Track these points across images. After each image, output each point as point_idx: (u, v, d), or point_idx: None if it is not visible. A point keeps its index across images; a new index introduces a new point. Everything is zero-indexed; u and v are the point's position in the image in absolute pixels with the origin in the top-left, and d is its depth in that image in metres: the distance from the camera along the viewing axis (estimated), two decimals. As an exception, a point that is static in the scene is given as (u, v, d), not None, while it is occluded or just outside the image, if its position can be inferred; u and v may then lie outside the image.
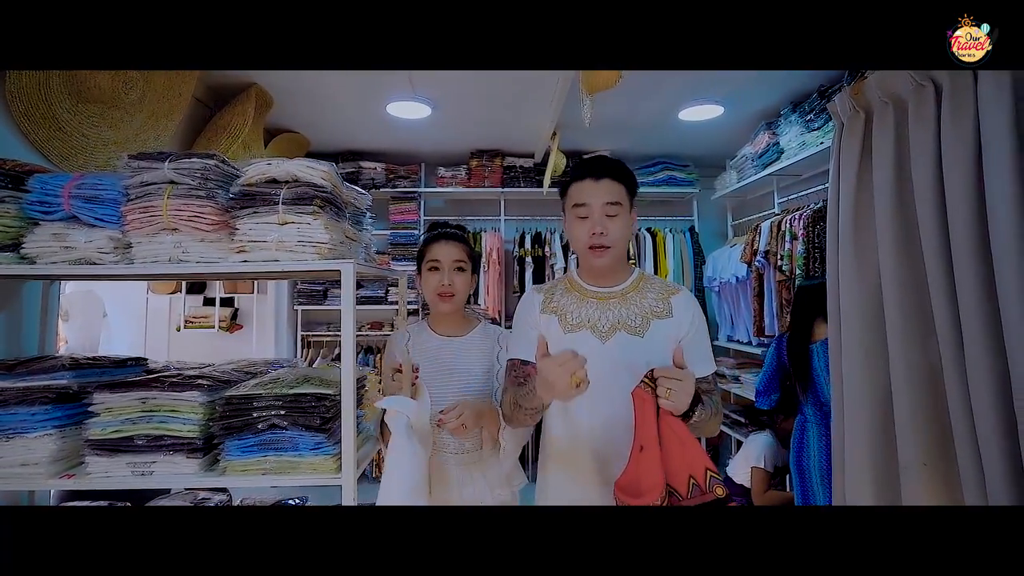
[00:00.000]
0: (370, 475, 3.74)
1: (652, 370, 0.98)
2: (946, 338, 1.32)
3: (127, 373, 1.31)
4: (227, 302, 4.15)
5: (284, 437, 1.09)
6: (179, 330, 4.06)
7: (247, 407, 1.10)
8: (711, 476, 0.93)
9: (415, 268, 1.47)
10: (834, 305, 1.67)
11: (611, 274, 1.20)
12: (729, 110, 3.00)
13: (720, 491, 0.94)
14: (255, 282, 3.99)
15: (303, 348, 3.95)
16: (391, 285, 3.88)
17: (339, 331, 1.11)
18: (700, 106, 2.94)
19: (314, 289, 3.87)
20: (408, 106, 2.92)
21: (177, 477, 1.09)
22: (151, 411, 1.10)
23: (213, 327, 4.04)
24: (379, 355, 3.83)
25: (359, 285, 3.87)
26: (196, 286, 4.11)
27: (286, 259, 1.13)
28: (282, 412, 1.09)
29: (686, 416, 0.99)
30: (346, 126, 3.34)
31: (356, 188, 1.40)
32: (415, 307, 3.84)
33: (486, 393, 1.39)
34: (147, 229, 1.13)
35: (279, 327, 3.87)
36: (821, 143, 2.61)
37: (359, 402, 1.43)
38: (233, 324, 4.18)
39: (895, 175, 1.49)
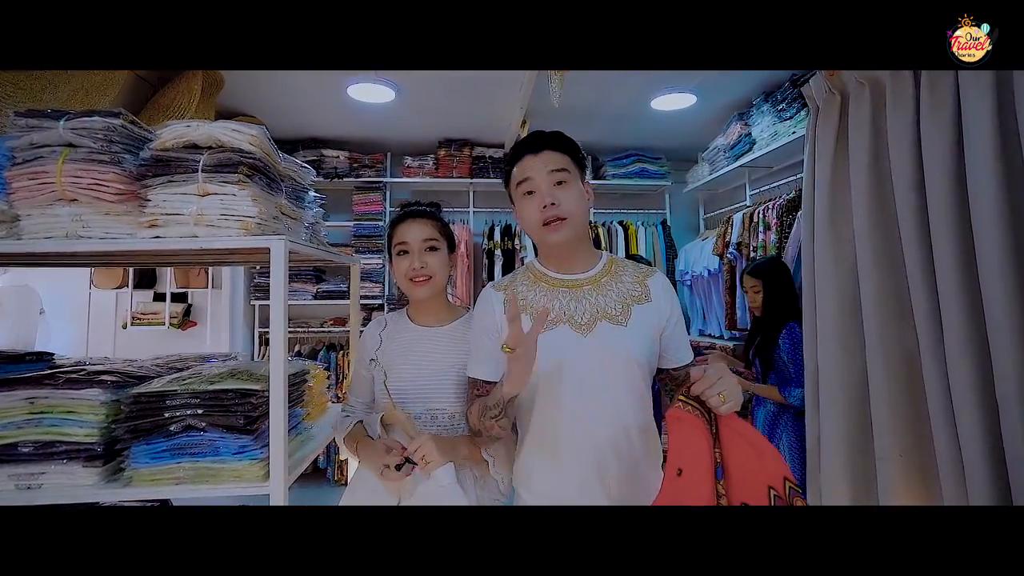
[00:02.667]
0: (332, 478, 3.57)
1: (687, 388, 0.87)
2: (924, 324, 1.26)
3: (23, 369, 1.14)
4: (179, 297, 3.88)
5: (202, 440, 0.94)
6: (126, 327, 3.77)
7: (158, 406, 0.94)
8: (790, 487, 0.81)
9: (386, 258, 1.32)
10: (810, 292, 1.61)
11: (577, 258, 1.08)
12: (701, 99, 2.95)
13: (800, 503, 0.82)
14: (209, 275, 3.74)
15: (260, 345, 3.75)
16: (355, 278, 3.70)
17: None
18: (672, 95, 2.89)
19: (272, 283, 3.66)
20: (371, 89, 2.77)
21: (72, 489, 0.93)
22: (41, 413, 0.93)
23: (164, 324, 3.77)
24: (341, 352, 3.65)
25: (320, 278, 3.69)
26: (145, 280, 3.84)
27: (206, 235, 0.98)
28: (199, 411, 0.94)
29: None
30: (306, 110, 3.17)
31: (296, 160, 1.25)
32: (380, 302, 3.67)
33: (461, 389, 1.22)
34: (38, 198, 0.97)
35: (235, 323, 3.65)
36: (793, 132, 2.58)
37: (300, 399, 1.29)
38: (186, 320, 3.91)
39: (872, 157, 1.44)
